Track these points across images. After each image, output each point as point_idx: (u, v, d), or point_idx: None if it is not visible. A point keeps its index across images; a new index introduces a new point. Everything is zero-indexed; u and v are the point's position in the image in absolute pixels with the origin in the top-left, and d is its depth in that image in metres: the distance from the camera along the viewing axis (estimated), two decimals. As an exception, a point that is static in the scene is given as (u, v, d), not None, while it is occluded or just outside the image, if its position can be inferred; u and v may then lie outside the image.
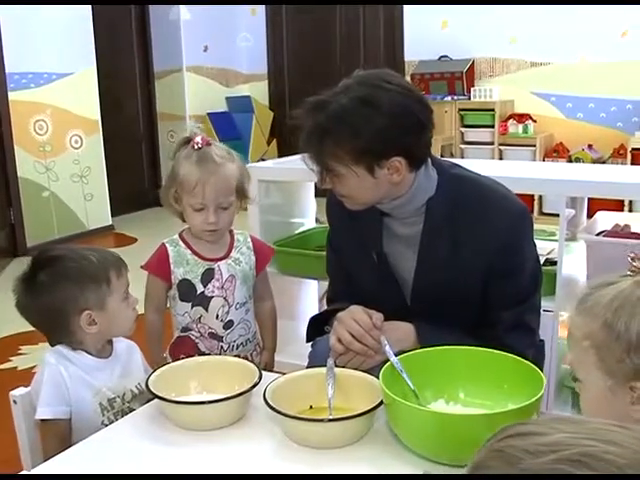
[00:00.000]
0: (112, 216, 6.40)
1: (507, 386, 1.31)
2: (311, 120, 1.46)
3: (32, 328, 1.58)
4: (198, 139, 1.82)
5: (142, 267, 1.93)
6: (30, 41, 5.53)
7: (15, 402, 1.52)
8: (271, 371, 1.63)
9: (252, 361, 1.86)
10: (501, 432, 0.65)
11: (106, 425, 1.51)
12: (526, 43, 6.17)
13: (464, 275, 1.55)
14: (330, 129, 1.43)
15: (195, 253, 1.91)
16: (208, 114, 7.34)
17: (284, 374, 1.47)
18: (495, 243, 1.52)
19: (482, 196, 1.57)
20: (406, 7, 6.65)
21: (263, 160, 6.87)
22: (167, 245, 1.92)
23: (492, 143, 6.11)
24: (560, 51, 6.03)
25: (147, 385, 1.45)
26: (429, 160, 1.58)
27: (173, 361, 1.77)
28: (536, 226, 3.48)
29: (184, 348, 1.93)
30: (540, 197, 5.37)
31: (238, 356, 1.91)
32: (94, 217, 6.27)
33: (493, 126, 6.10)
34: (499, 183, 1.63)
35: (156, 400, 1.48)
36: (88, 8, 6.00)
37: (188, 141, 1.84)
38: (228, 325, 1.94)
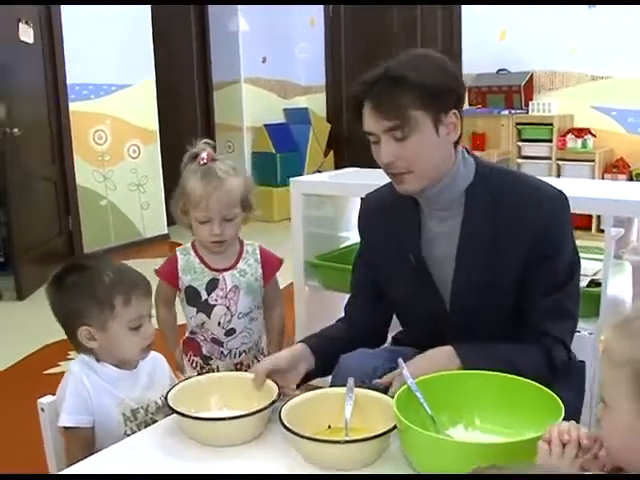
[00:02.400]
0: (168, 225, 6.51)
1: (525, 413, 1.27)
2: (385, 74, 1.50)
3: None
4: (204, 155, 1.89)
5: (155, 271, 2.03)
6: (91, 53, 5.68)
7: (42, 409, 1.56)
8: (299, 386, 1.61)
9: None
10: (475, 471, 0.62)
11: (129, 435, 1.53)
12: (587, 56, 6.03)
13: (504, 265, 1.55)
14: (404, 75, 1.48)
15: (203, 262, 1.99)
16: (265, 125, 7.40)
17: (315, 388, 1.48)
18: (535, 229, 1.52)
19: (518, 185, 1.59)
20: (464, 16, 6.59)
21: (319, 172, 6.90)
22: (178, 253, 2.02)
23: (550, 158, 5.99)
24: (621, 64, 5.87)
25: (166, 399, 1.45)
26: (464, 149, 1.62)
27: (186, 356, 2.03)
28: (591, 243, 3.39)
29: (191, 348, 2.06)
30: (598, 216, 5.23)
31: (240, 363, 2.02)
32: (150, 226, 6.39)
33: (551, 140, 5.97)
34: (531, 175, 1.66)
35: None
36: (148, 20, 6.15)
37: (194, 156, 1.92)
38: (230, 332, 2.01)
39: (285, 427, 1.30)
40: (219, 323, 1.99)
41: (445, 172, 1.57)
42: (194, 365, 2.04)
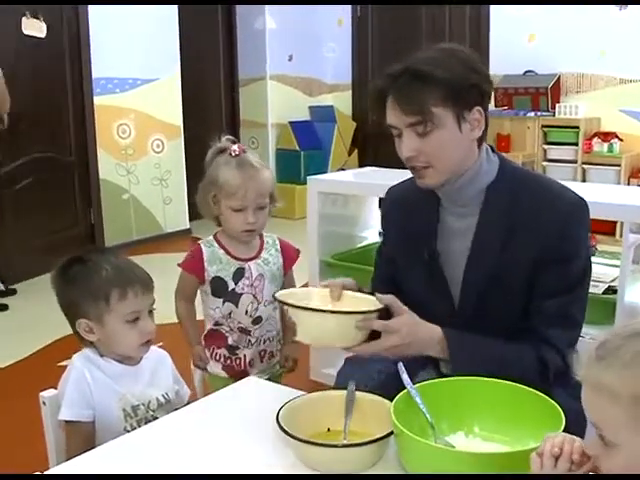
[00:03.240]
0: (190, 220, 6.53)
1: (526, 421, 1.24)
2: (408, 70, 1.50)
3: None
4: (235, 147, 1.98)
5: (179, 265, 2.07)
6: (117, 47, 5.72)
7: (44, 403, 1.56)
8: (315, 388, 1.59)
9: (275, 356, 2.13)
10: None
11: (129, 431, 1.52)
12: (615, 59, 5.94)
13: (516, 265, 1.54)
14: (427, 70, 1.48)
15: (228, 253, 2.04)
16: (290, 122, 7.40)
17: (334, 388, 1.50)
18: (551, 230, 1.51)
19: (540, 186, 1.59)
20: (493, 16, 6.53)
21: (343, 170, 6.87)
22: (202, 245, 2.06)
23: (575, 161, 5.91)
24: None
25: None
26: (489, 147, 1.62)
27: (208, 350, 2.07)
28: (614, 248, 3.33)
29: (216, 341, 2.08)
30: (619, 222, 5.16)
31: (264, 350, 2.07)
32: (172, 220, 6.41)
33: (577, 144, 5.90)
34: (553, 179, 1.66)
35: (184, 410, 1.56)
36: (175, 15, 6.17)
37: (221, 150, 1.99)
38: (257, 321, 2.06)
39: (282, 429, 1.28)
40: (246, 311, 2.04)
41: (467, 168, 1.57)
42: (218, 358, 2.07)
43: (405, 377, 1.32)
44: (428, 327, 1.53)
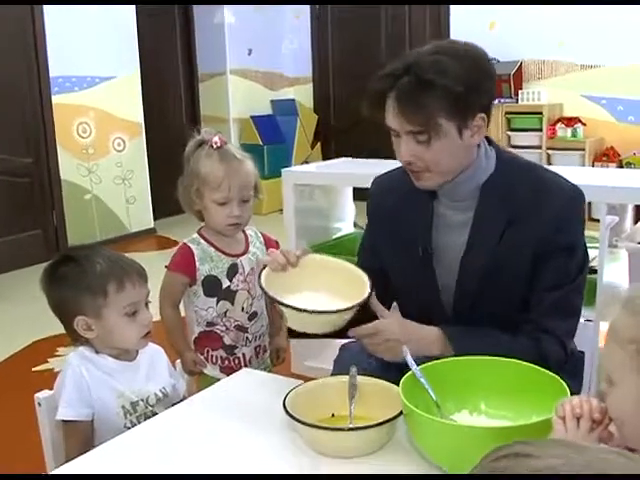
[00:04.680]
0: (154, 219, 6.50)
1: (530, 397, 1.28)
2: (406, 76, 1.46)
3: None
4: (216, 139, 1.94)
5: (166, 267, 2.02)
6: (74, 45, 5.65)
7: (39, 404, 1.55)
8: (301, 377, 1.61)
9: (267, 350, 2.08)
10: (500, 449, 0.63)
11: (129, 428, 1.53)
12: (576, 45, 6.06)
13: (513, 257, 1.55)
14: (432, 79, 1.44)
15: (218, 250, 2.01)
16: (252, 117, 7.39)
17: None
18: (549, 221, 1.52)
19: (536, 181, 1.58)
20: (453, 8, 6.61)
21: (307, 163, 6.89)
22: (190, 244, 2.01)
23: (540, 147, 6.03)
24: (611, 53, 5.91)
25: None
26: (486, 139, 1.61)
27: (201, 354, 2.01)
28: (587, 232, 3.40)
29: (210, 343, 2.03)
30: (589, 203, 5.26)
31: (259, 346, 2.06)
32: (136, 220, 6.38)
33: (541, 130, 6.01)
34: (552, 171, 1.65)
35: (183, 405, 1.56)
36: (132, 12, 6.12)
37: (202, 142, 1.96)
38: (252, 316, 2.05)
39: (289, 414, 1.31)
40: (242, 308, 2.02)
41: (465, 168, 1.57)
42: (214, 360, 2.03)
43: (409, 358, 1.35)
44: (422, 326, 1.56)
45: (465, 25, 6.51)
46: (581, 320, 1.69)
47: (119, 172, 6.20)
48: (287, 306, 1.44)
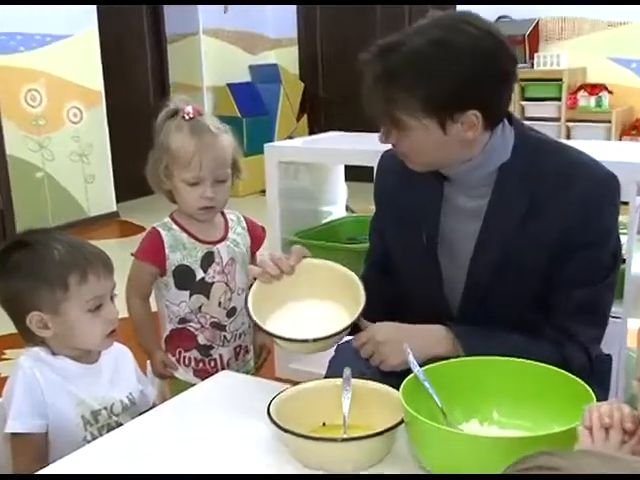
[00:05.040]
0: (117, 202, 6.48)
1: (550, 404, 1.29)
2: (378, 64, 1.48)
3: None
4: (189, 109, 1.91)
5: (132, 254, 2.01)
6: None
7: (-17, 416, 1.54)
8: (282, 380, 1.63)
9: (249, 351, 2.12)
10: (522, 462, 0.63)
11: (89, 441, 1.52)
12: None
13: (531, 250, 1.56)
14: (401, 73, 1.46)
15: (192, 236, 2.00)
16: (228, 85, 7.38)
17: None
18: (573, 214, 1.52)
19: (564, 162, 1.57)
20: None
21: (291, 138, 6.87)
22: (159, 229, 2.00)
23: (558, 119, 6.04)
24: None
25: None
26: (505, 118, 1.60)
27: (172, 355, 2.02)
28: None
29: (182, 342, 2.03)
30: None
31: (239, 346, 2.06)
32: (96, 202, 6.36)
33: (560, 99, 6.02)
34: (584, 152, 1.63)
35: (151, 414, 1.56)
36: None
37: (175, 112, 1.93)
38: (231, 313, 2.04)
39: (274, 423, 1.31)
40: (219, 303, 2.01)
41: (469, 158, 1.57)
42: (187, 362, 2.03)
43: (411, 359, 1.36)
44: (424, 325, 1.59)
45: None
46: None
47: (75, 147, 6.17)
48: (274, 335, 1.53)
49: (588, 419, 1.06)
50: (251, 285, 1.62)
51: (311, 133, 7.32)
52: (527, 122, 5.48)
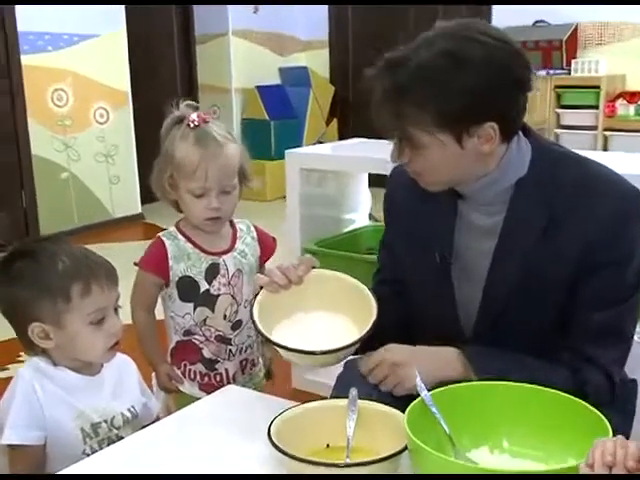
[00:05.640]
0: (142, 203, 6.50)
1: (562, 433, 1.25)
2: (387, 79, 1.46)
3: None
4: (194, 116, 1.89)
5: (135, 264, 2.00)
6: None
7: (-19, 424, 1.54)
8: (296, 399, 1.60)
9: (257, 364, 2.10)
10: None
11: (88, 455, 1.51)
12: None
13: (550, 268, 1.52)
14: (411, 88, 1.44)
15: (197, 246, 1.98)
16: (257, 87, 7.38)
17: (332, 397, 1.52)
18: (596, 230, 1.49)
19: (586, 177, 1.54)
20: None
21: (320, 142, 6.87)
22: (164, 239, 1.98)
23: (595, 127, 5.96)
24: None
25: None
26: (520, 131, 1.58)
27: (178, 368, 2.00)
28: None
29: (188, 355, 2.02)
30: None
31: (245, 360, 2.04)
32: (121, 204, 6.38)
33: (597, 107, 5.94)
34: (606, 166, 1.59)
35: (153, 428, 1.54)
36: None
37: (180, 120, 1.91)
38: (236, 325, 2.02)
39: (274, 445, 1.28)
40: (225, 316, 1.99)
41: (482, 173, 1.54)
42: (192, 376, 2.01)
43: (419, 382, 1.33)
44: (437, 348, 1.56)
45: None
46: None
47: (101, 148, 6.19)
48: (280, 346, 1.51)
49: (591, 456, 1.03)
50: (257, 294, 1.60)
51: (341, 138, 7.29)
52: (562, 130, 5.43)
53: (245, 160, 1.97)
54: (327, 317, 1.61)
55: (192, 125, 1.88)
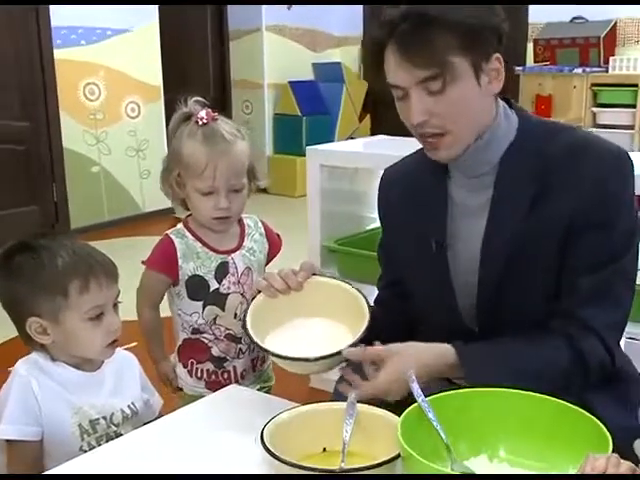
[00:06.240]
0: (172, 198, 6.51)
1: (563, 443, 1.21)
2: (407, 14, 1.44)
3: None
4: (202, 113, 1.86)
5: (143, 262, 1.98)
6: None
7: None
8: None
9: (266, 361, 2.06)
10: None
11: (86, 451, 1.51)
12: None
13: (544, 237, 1.52)
14: (437, 13, 1.44)
15: (205, 245, 1.96)
16: (290, 83, 7.39)
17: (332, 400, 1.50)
18: (586, 189, 1.49)
19: (571, 141, 1.55)
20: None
21: (352, 138, 6.84)
22: (173, 237, 1.96)
23: (632, 127, 5.91)
24: None
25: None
26: (505, 101, 1.61)
27: (185, 367, 1.99)
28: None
29: (196, 354, 2.00)
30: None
31: (256, 358, 2.01)
32: (151, 198, 6.40)
33: (635, 106, 5.88)
34: (593, 133, 1.64)
35: (153, 425, 1.53)
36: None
37: (189, 116, 1.88)
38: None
39: (266, 449, 1.26)
40: (235, 315, 1.97)
41: (483, 130, 1.54)
42: (199, 374, 2.00)
43: (415, 387, 1.30)
44: (428, 349, 1.51)
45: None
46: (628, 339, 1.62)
47: (132, 142, 6.24)
48: (271, 354, 1.50)
49: (581, 470, 1.01)
50: (253, 298, 1.59)
51: (373, 133, 7.27)
52: (598, 130, 5.36)
53: (254, 159, 1.96)
54: (324, 324, 1.58)
55: (200, 122, 1.85)
